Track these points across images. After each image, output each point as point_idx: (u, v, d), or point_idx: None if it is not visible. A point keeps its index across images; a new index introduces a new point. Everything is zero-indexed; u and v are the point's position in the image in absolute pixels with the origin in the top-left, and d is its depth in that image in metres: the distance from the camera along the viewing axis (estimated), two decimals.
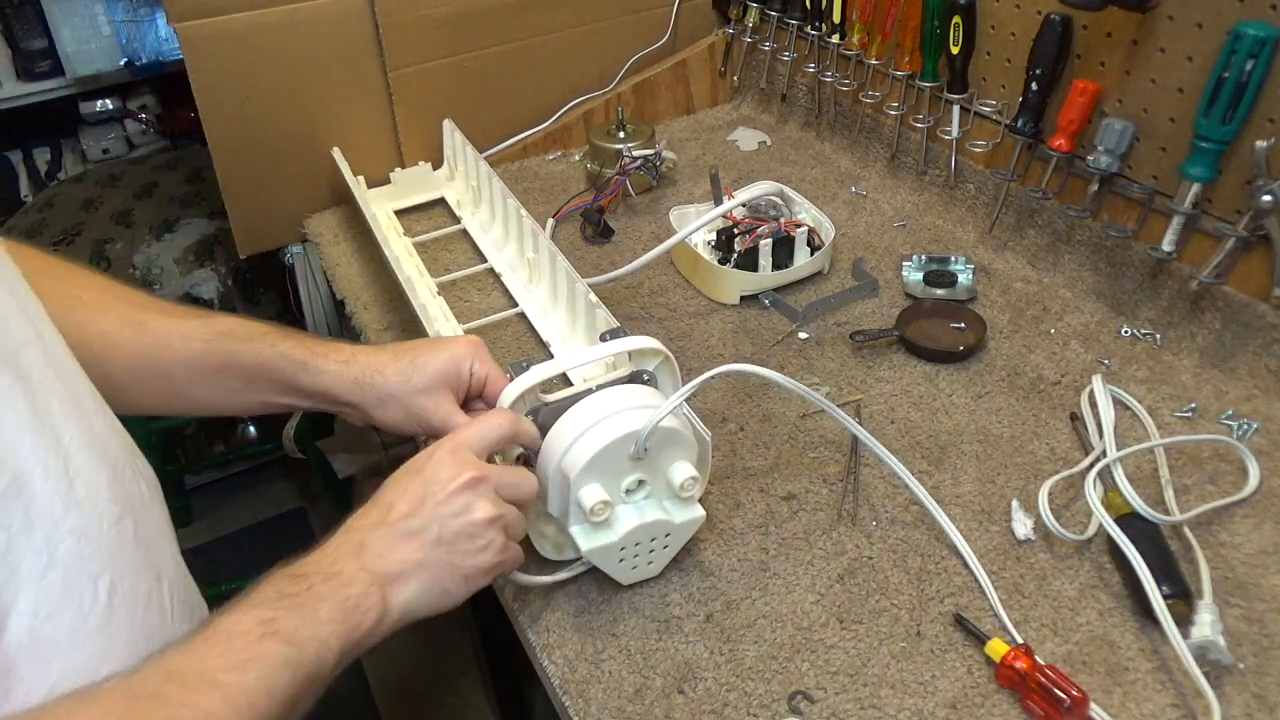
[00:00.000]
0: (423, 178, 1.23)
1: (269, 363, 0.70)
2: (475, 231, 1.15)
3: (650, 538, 0.69)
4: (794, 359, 0.94)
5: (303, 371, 0.70)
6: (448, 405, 0.71)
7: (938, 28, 1.04)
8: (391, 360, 0.71)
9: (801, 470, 0.81)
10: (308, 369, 0.70)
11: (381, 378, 0.71)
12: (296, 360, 0.70)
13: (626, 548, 0.68)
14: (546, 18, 1.25)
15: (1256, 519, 0.73)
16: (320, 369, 0.70)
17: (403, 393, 0.71)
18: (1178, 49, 0.85)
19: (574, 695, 0.65)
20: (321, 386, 0.71)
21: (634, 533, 0.67)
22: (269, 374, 0.70)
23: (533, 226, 1.02)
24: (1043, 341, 0.93)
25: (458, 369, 0.72)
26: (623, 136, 1.21)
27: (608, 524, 0.67)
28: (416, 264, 1.09)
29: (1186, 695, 0.62)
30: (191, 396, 0.70)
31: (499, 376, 0.73)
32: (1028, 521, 0.74)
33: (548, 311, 1.01)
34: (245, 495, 2.08)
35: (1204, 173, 0.83)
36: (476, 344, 0.74)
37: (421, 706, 1.72)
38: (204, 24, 1.06)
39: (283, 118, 1.15)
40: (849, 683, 0.64)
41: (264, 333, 0.71)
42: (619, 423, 0.65)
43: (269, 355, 0.70)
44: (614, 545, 0.67)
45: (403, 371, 0.71)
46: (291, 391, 0.71)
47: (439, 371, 0.71)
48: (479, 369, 0.72)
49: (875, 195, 1.18)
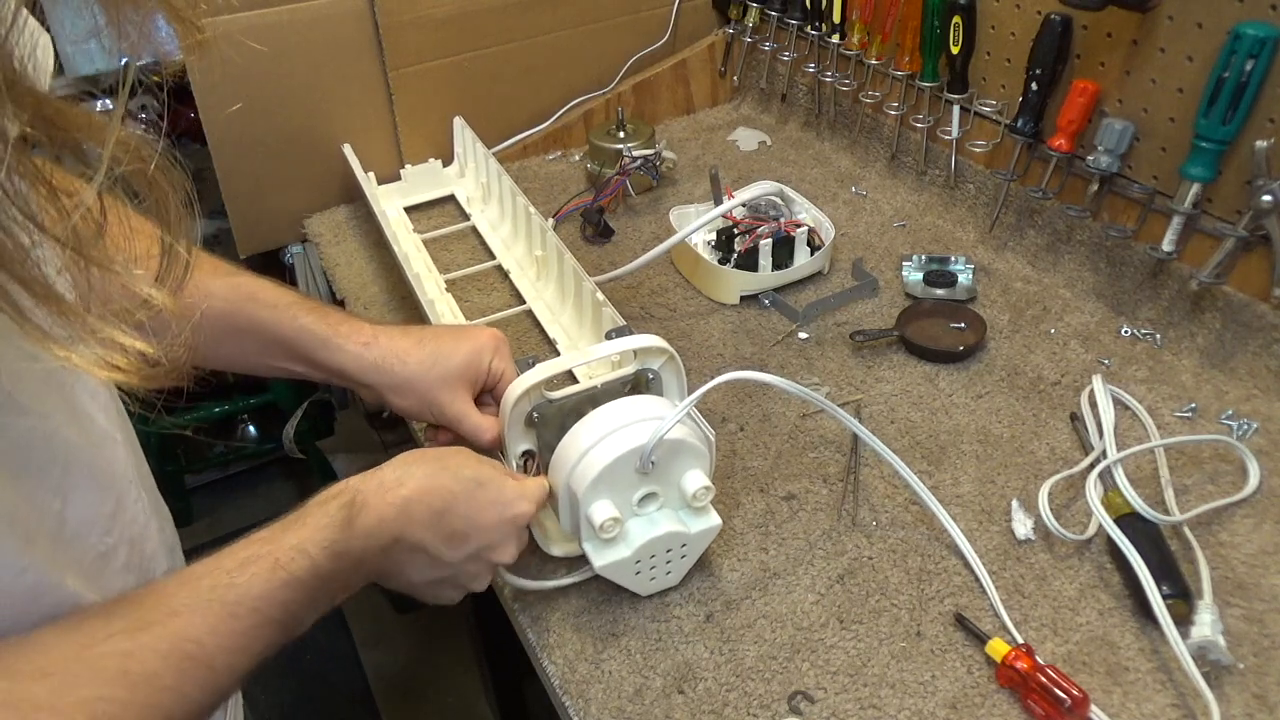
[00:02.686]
0: (433, 174, 1.23)
1: (290, 335, 0.70)
2: (484, 229, 1.15)
3: (666, 549, 0.68)
4: (794, 359, 0.94)
5: (322, 348, 0.70)
6: (463, 400, 0.72)
7: (938, 28, 1.05)
8: (414, 348, 0.71)
9: (801, 470, 0.81)
10: (327, 346, 0.70)
11: (402, 365, 0.71)
12: (317, 336, 0.70)
13: (642, 561, 0.67)
14: (546, 18, 1.25)
15: (1256, 519, 0.73)
16: (340, 348, 0.70)
17: (422, 382, 0.71)
18: (1178, 49, 0.85)
19: (574, 695, 0.65)
20: (339, 365, 0.71)
21: (648, 546, 0.66)
22: (289, 345, 0.70)
23: (541, 224, 1.02)
24: (1043, 341, 0.93)
25: (479, 363, 0.72)
26: (623, 136, 1.21)
27: (620, 539, 0.67)
28: (425, 260, 1.10)
29: (1186, 695, 0.62)
30: (208, 352, 0.70)
31: (513, 376, 0.72)
32: (1028, 521, 0.74)
33: (555, 309, 1.01)
34: (245, 495, 2.08)
35: (1204, 173, 0.83)
36: (499, 339, 0.74)
37: (421, 706, 1.72)
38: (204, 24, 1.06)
39: (282, 118, 1.15)
40: (849, 683, 0.64)
41: (289, 302, 0.70)
42: (624, 438, 0.64)
43: (290, 328, 0.70)
44: (628, 560, 0.66)
45: (424, 361, 0.71)
46: (309, 364, 0.71)
47: (460, 365, 0.71)
48: (497, 364, 0.73)
49: (875, 195, 1.18)
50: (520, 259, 1.09)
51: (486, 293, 1.06)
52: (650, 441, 0.63)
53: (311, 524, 0.53)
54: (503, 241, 1.13)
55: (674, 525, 0.67)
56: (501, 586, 0.72)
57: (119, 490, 0.52)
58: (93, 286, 0.36)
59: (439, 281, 1.06)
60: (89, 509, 0.49)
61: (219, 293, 0.69)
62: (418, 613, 1.84)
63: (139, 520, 0.54)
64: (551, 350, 0.97)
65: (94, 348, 0.36)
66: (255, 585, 0.49)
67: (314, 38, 1.12)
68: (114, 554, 0.51)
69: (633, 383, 0.74)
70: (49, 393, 0.46)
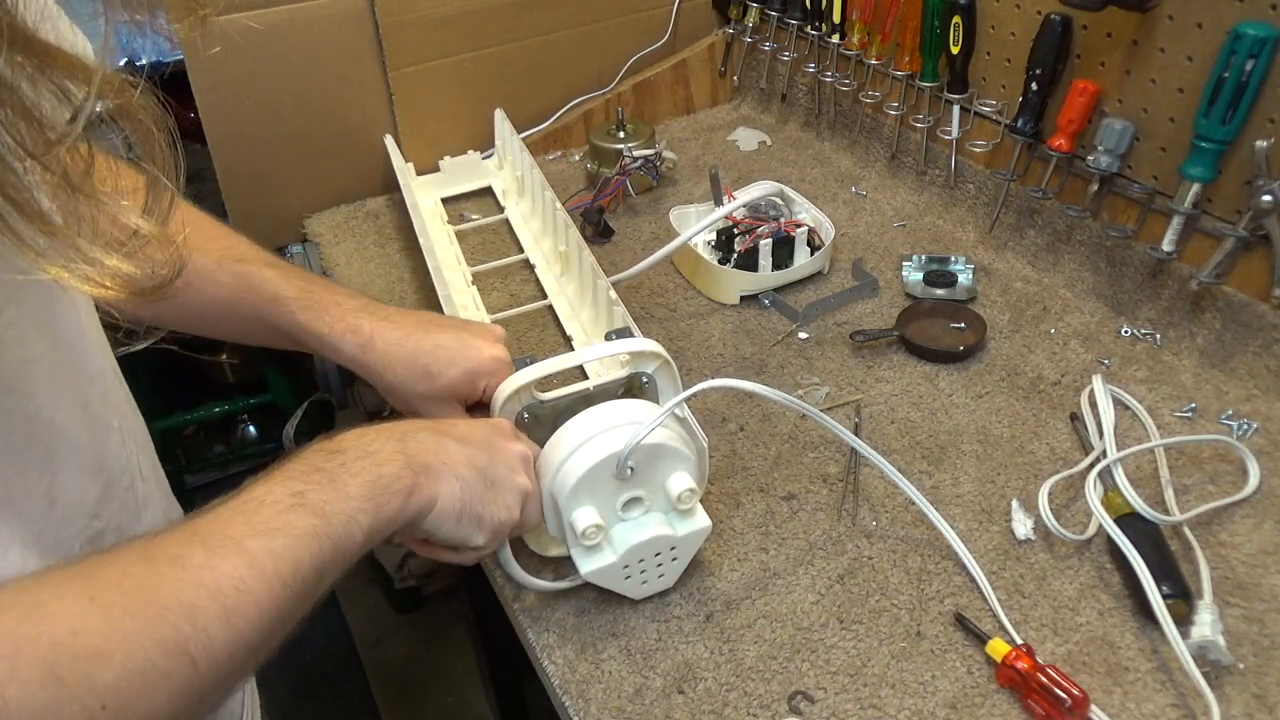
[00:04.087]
0: (472, 166, 1.24)
1: (288, 329, 0.73)
2: (517, 222, 1.16)
3: (655, 553, 0.67)
4: (794, 359, 0.94)
5: (318, 344, 0.73)
6: (451, 410, 0.73)
7: (938, 28, 1.05)
8: (406, 360, 0.72)
9: (801, 470, 0.81)
10: (324, 344, 0.73)
11: (393, 374, 0.72)
12: (314, 334, 0.72)
13: (630, 565, 0.67)
14: (546, 18, 1.25)
15: (1256, 519, 0.73)
16: (336, 349, 0.73)
17: (410, 393, 0.72)
18: (1178, 49, 0.85)
19: (574, 695, 0.65)
20: (334, 359, 0.74)
21: (634, 551, 0.66)
22: (287, 336, 0.73)
23: (566, 219, 1.02)
24: (1043, 341, 0.93)
25: (471, 385, 0.72)
26: (623, 136, 1.21)
27: (605, 544, 0.66)
28: (456, 252, 1.10)
29: (1186, 695, 0.62)
30: (217, 327, 0.75)
31: None
32: (1028, 521, 0.74)
33: (575, 306, 1.01)
34: None
35: (1204, 173, 0.83)
36: (499, 361, 0.73)
37: (421, 706, 1.72)
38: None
39: (282, 118, 1.15)
40: (849, 683, 0.64)
41: (289, 298, 0.72)
42: (601, 444, 0.64)
43: (288, 324, 0.72)
44: (615, 566, 0.66)
45: (413, 375, 0.72)
46: (310, 350, 0.75)
47: (450, 385, 0.72)
48: (492, 385, 0.72)
49: (875, 195, 1.18)
50: (547, 254, 1.09)
51: (513, 286, 1.07)
52: (627, 447, 0.63)
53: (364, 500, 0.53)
54: (533, 236, 1.13)
55: (661, 529, 0.67)
56: (501, 586, 0.72)
57: (109, 476, 0.52)
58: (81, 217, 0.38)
59: (466, 274, 1.06)
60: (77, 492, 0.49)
61: (225, 282, 0.72)
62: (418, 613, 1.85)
63: (129, 508, 0.54)
64: (567, 346, 0.97)
65: (82, 266, 0.38)
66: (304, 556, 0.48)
67: (314, 38, 1.12)
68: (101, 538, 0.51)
69: (626, 386, 0.74)
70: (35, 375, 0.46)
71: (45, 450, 0.47)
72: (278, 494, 0.49)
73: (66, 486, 0.48)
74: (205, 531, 0.45)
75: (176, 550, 0.43)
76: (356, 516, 0.51)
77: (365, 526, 0.52)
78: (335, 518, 0.50)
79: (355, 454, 0.54)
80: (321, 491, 0.50)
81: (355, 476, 0.53)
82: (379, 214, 1.22)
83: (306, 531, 0.48)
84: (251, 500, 0.48)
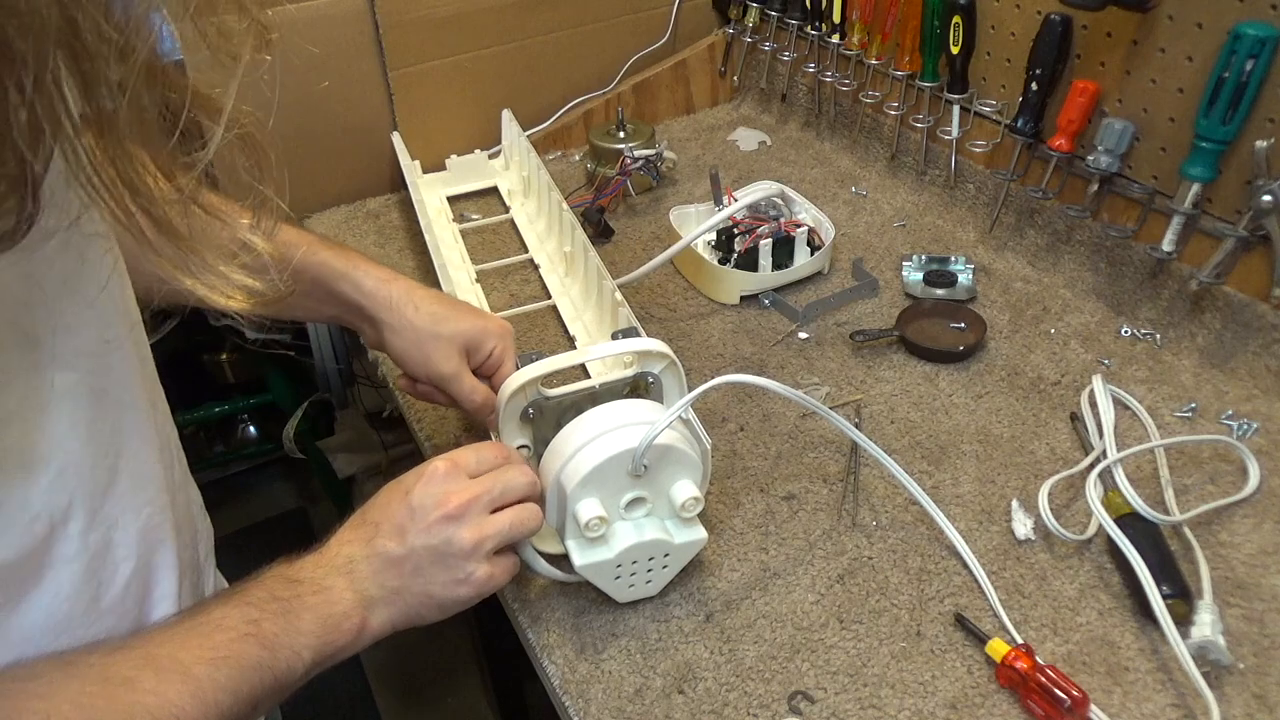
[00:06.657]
0: (478, 165, 1.25)
1: (309, 269, 0.73)
2: (522, 222, 1.16)
3: (648, 557, 0.67)
4: (794, 359, 0.94)
5: (341, 280, 0.73)
6: (458, 361, 0.73)
7: (938, 28, 1.05)
8: (428, 299, 0.74)
9: (801, 470, 0.81)
10: (347, 279, 0.73)
11: (414, 310, 0.73)
12: (336, 270, 0.73)
13: (623, 565, 0.67)
14: (546, 18, 1.25)
15: (1256, 519, 0.73)
16: (359, 281, 0.74)
17: (426, 332, 0.73)
18: (1178, 49, 0.85)
19: (574, 695, 0.65)
20: (356, 296, 0.74)
21: (630, 551, 0.66)
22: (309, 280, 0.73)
23: (571, 220, 1.02)
24: (1043, 341, 0.93)
25: (481, 341, 0.74)
26: (623, 136, 1.21)
27: (604, 540, 0.66)
28: (461, 251, 1.10)
29: (1186, 695, 0.62)
30: None
31: (510, 370, 0.74)
32: (1028, 521, 0.74)
33: (579, 306, 1.01)
34: (245, 495, 2.08)
35: (1204, 173, 0.83)
36: (506, 330, 0.76)
37: (421, 706, 1.72)
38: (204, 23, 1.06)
39: (282, 118, 1.15)
40: (849, 683, 0.64)
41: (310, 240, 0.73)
42: (618, 438, 0.64)
43: (310, 263, 0.73)
44: (609, 563, 0.66)
45: (434, 314, 0.73)
46: (328, 301, 0.74)
47: (464, 332, 0.74)
48: (499, 350, 0.75)
49: (875, 195, 1.18)
50: (552, 254, 1.09)
51: (515, 285, 1.07)
52: (642, 444, 0.63)
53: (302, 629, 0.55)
54: (537, 236, 1.13)
55: (659, 533, 0.67)
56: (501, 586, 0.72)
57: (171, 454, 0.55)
58: (207, 234, 0.43)
59: (470, 272, 1.07)
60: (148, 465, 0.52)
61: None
62: None
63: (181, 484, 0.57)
64: (569, 346, 0.97)
65: (210, 278, 0.43)
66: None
67: (314, 38, 1.12)
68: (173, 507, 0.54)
69: (632, 385, 0.74)
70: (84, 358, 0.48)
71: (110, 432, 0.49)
72: (233, 619, 0.51)
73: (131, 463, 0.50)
74: (158, 655, 0.48)
75: (130, 673, 0.46)
76: (302, 653, 0.53)
77: (308, 661, 0.54)
78: (282, 651, 0.52)
79: (310, 587, 0.57)
80: (275, 622, 0.53)
81: (308, 611, 0.55)
82: (379, 214, 1.22)
83: (252, 664, 0.50)
84: (209, 623, 0.51)
